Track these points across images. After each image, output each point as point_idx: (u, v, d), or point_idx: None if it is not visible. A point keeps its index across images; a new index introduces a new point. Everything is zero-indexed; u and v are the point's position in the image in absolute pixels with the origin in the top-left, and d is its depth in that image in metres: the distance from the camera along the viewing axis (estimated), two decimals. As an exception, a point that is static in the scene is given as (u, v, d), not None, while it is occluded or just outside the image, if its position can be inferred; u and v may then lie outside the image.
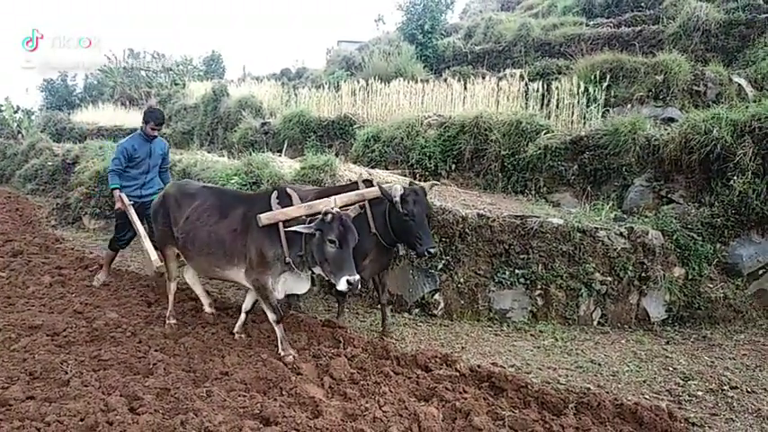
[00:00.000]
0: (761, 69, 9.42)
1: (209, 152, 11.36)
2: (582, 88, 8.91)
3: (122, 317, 5.30)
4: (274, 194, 4.41)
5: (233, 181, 7.31)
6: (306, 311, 5.88)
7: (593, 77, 9.28)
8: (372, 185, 4.96)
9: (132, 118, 19.62)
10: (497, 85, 10.25)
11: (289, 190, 4.50)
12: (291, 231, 4.15)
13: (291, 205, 4.35)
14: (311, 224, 4.11)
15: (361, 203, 4.69)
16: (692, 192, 6.43)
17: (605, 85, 9.02)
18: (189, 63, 32.10)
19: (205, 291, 5.48)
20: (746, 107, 6.47)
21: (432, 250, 4.61)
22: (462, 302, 5.94)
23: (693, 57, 10.55)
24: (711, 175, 6.22)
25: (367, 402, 3.62)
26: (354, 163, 9.15)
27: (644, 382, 4.41)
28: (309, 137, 11.39)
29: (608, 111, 8.99)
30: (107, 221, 10.54)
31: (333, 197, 4.47)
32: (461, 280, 5.93)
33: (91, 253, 8.32)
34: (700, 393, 4.18)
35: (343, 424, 3.31)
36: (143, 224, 6.30)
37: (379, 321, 5.42)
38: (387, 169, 9.01)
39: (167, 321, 5.17)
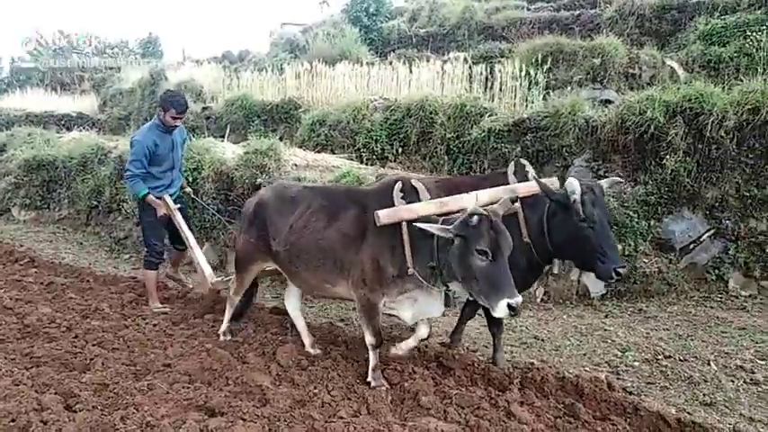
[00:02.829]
0: (691, 52, 9.81)
1: (147, 138, 10.92)
2: (524, 71, 9.04)
3: (56, 311, 5.06)
4: (397, 186, 3.57)
5: (173, 167, 7.05)
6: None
7: (534, 60, 9.43)
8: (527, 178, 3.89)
9: (63, 103, 18.64)
10: (442, 69, 10.26)
11: (414, 182, 3.69)
12: (420, 229, 3.28)
13: (418, 200, 3.55)
14: (448, 226, 3.24)
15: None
16: (628, 171, 6.66)
17: (546, 67, 9.19)
18: (125, 46, 30.74)
19: (308, 327, 4.54)
20: (678, 89, 6.72)
21: (621, 270, 3.52)
22: (410, 285, 5.97)
23: (629, 40, 10.88)
24: (646, 155, 6.45)
25: (315, 388, 3.59)
26: (300, 147, 9.02)
27: (584, 354, 4.57)
28: (253, 121, 11.14)
29: (549, 93, 9.16)
30: (38, 212, 10.03)
31: (473, 192, 3.54)
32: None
33: (21, 246, 7.89)
34: (636, 364, 4.37)
35: (290, 410, 3.27)
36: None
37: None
38: (333, 153, 8.92)
39: (221, 336, 4.57)
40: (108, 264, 7.45)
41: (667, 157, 6.19)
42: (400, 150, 8.80)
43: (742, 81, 6.61)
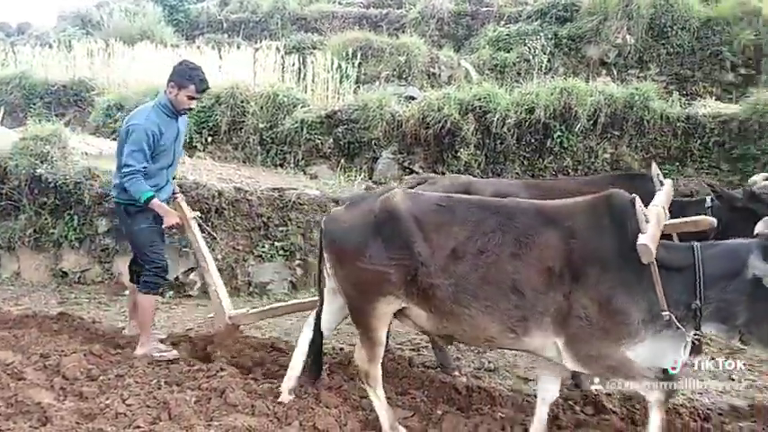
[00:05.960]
0: (482, 56, 10.91)
1: None
2: (335, 64, 9.24)
3: None
4: (639, 203, 2.65)
5: None
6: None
7: (345, 54, 9.67)
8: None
9: None
10: (254, 57, 10.04)
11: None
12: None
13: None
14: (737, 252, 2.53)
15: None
16: (429, 162, 7.22)
17: (357, 62, 9.49)
18: None
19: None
20: (471, 89, 7.45)
21: None
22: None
23: (430, 41, 11.73)
24: (443, 148, 7.05)
25: (107, 399, 3.27)
26: (94, 134, 8.19)
27: (389, 335, 4.81)
28: (35, 103, 9.85)
29: (359, 87, 9.50)
30: None
31: (657, 204, 2.80)
32: (219, 256, 5.73)
33: None
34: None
35: (77, 427, 2.95)
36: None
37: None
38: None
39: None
40: None
41: (461, 150, 6.82)
42: (210, 140, 8.46)
43: (521, 84, 7.54)
